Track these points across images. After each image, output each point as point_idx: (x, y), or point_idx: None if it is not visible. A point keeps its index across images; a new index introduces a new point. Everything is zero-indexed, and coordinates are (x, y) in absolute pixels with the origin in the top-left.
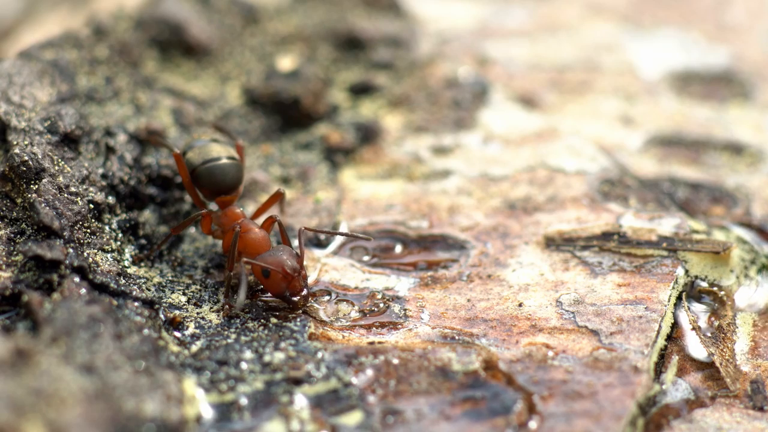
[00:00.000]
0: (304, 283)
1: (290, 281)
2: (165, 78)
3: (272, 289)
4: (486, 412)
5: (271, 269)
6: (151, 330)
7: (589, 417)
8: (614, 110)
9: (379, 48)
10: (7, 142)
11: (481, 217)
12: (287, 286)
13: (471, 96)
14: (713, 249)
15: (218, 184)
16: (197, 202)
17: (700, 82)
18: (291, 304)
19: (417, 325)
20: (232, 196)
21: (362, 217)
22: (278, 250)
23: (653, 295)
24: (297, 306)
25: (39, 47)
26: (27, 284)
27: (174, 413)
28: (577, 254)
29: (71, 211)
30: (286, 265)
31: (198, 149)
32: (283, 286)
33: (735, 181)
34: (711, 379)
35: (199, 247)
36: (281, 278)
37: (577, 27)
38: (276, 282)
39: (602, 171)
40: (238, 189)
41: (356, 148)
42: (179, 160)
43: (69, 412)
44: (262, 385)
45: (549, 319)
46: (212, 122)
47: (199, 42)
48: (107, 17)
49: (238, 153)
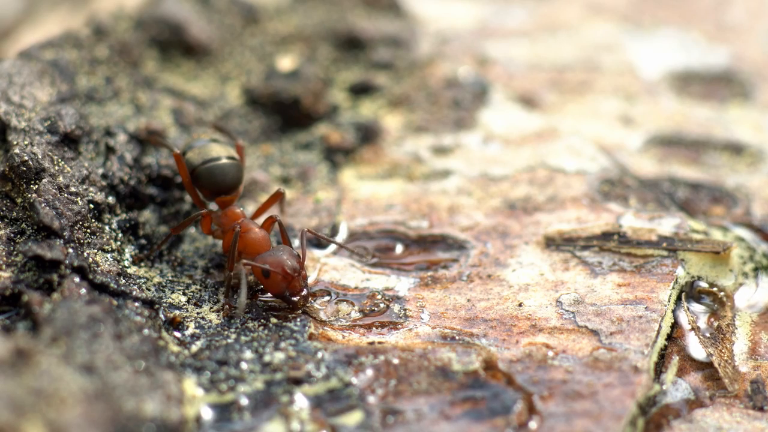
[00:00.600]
0: (304, 283)
1: (290, 281)
2: (165, 78)
3: (272, 290)
4: (486, 412)
5: (271, 270)
6: (151, 330)
7: (589, 417)
8: (614, 110)
9: (379, 48)
10: (7, 142)
11: (481, 217)
12: (287, 286)
13: (471, 96)
14: (713, 249)
15: (218, 184)
16: (197, 202)
17: (700, 82)
18: (291, 304)
19: (417, 325)
20: (232, 196)
21: (362, 217)
22: (278, 250)
23: (653, 295)
24: (297, 306)
25: (39, 47)
26: (27, 284)
27: (174, 413)
28: (577, 254)
29: (71, 211)
30: (286, 266)
31: (198, 149)
32: (283, 287)
33: (735, 181)
34: (711, 379)
35: (199, 247)
36: (281, 278)
37: (577, 27)
38: (276, 282)
39: (602, 171)
40: (238, 189)
41: (356, 148)
42: (179, 160)
43: (69, 412)
44: (262, 385)
45: (549, 319)
46: (212, 122)
47: (199, 42)
48: (107, 17)
49: (238, 153)
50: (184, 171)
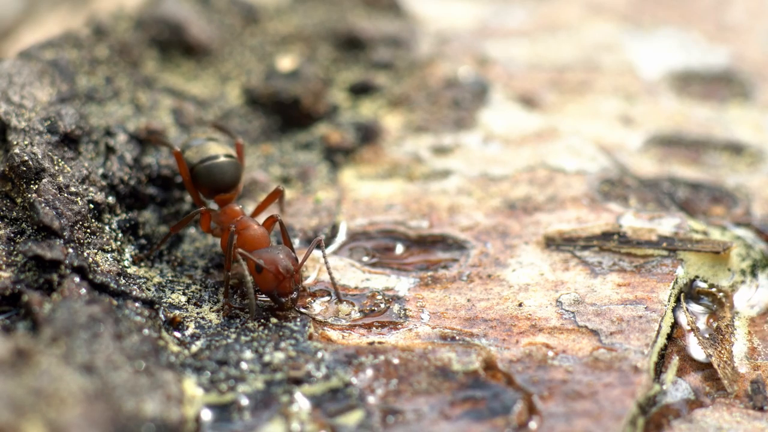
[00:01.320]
0: (296, 286)
1: (281, 281)
2: (165, 78)
3: (262, 285)
4: (486, 412)
5: (264, 266)
6: (151, 330)
7: (589, 417)
8: (614, 110)
9: (379, 48)
10: (7, 142)
11: (481, 216)
12: (277, 285)
13: (471, 96)
14: (713, 249)
15: (216, 183)
16: (197, 201)
17: (700, 82)
18: (278, 304)
19: (417, 325)
20: (230, 194)
21: (362, 217)
22: (276, 249)
23: (653, 295)
24: (283, 307)
25: (39, 47)
26: (27, 284)
27: (174, 413)
28: (577, 254)
29: (71, 211)
30: (280, 265)
31: (196, 148)
32: (273, 285)
33: (735, 181)
34: (710, 379)
35: (199, 247)
36: (272, 277)
37: (577, 27)
38: (267, 279)
39: (602, 171)
40: (237, 187)
41: (356, 148)
42: (179, 158)
43: (69, 412)
44: (262, 385)
45: (549, 319)
46: (211, 121)
47: (199, 42)
48: (107, 17)
49: (238, 151)
50: (184, 169)
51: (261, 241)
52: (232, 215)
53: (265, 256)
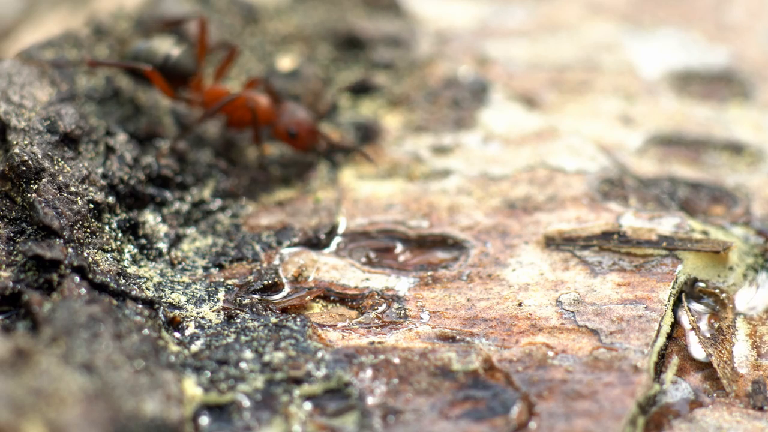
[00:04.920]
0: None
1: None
2: None
3: (300, 146)
4: (486, 411)
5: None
6: (151, 330)
7: (589, 416)
8: (614, 110)
9: (379, 48)
10: (7, 142)
11: (481, 216)
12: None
13: (471, 95)
14: (713, 248)
15: (182, 72)
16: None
17: (700, 81)
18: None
19: (417, 324)
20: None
21: (362, 216)
22: (295, 109)
23: (653, 295)
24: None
25: (39, 47)
26: (27, 284)
27: (174, 413)
28: (577, 254)
29: (71, 211)
30: (308, 122)
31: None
32: (307, 144)
33: (735, 181)
34: (710, 379)
35: (199, 247)
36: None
37: (577, 27)
38: (303, 139)
39: (602, 170)
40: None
41: (356, 148)
42: (154, 76)
43: (69, 412)
44: (262, 385)
45: (549, 318)
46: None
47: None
48: (107, 17)
49: (201, 27)
50: (162, 83)
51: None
52: (216, 95)
53: (291, 122)
